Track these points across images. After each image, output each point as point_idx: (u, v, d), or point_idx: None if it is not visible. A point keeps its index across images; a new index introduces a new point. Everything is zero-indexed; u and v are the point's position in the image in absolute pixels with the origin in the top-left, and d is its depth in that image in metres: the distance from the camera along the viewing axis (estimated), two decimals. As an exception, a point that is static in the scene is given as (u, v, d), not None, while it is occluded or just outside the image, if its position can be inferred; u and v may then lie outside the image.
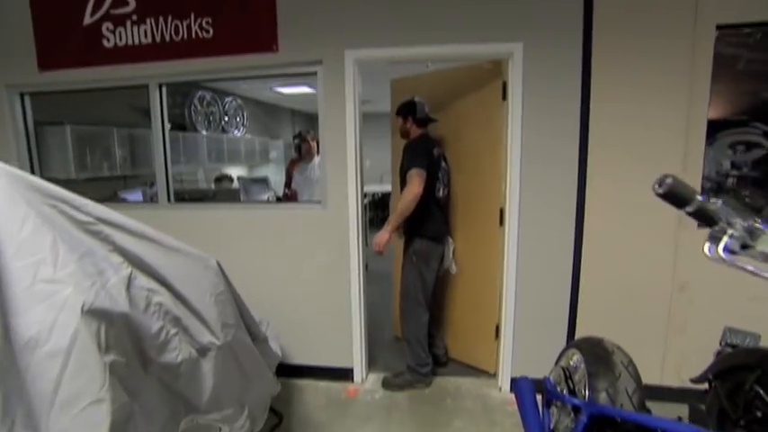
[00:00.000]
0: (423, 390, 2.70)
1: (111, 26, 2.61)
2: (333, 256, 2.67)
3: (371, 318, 2.89)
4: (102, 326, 0.98)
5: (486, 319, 2.82)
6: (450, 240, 2.81)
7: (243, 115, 5.99)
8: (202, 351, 1.29)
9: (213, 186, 4.74)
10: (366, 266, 3.01)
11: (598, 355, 1.66)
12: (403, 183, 2.57)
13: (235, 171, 5.98)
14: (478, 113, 2.73)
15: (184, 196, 4.32)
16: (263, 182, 6.04)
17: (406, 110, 2.67)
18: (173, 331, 1.19)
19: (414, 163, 2.46)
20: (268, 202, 5.18)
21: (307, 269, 2.72)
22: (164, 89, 2.78)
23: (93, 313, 0.97)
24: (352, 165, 2.57)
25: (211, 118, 5.22)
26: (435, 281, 2.74)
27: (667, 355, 2.48)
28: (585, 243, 2.44)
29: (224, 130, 5.56)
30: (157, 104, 2.75)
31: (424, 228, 2.60)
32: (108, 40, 2.63)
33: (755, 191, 2.30)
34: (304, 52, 2.51)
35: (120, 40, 2.62)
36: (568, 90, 2.34)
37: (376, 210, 8.54)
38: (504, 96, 2.52)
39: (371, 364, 2.95)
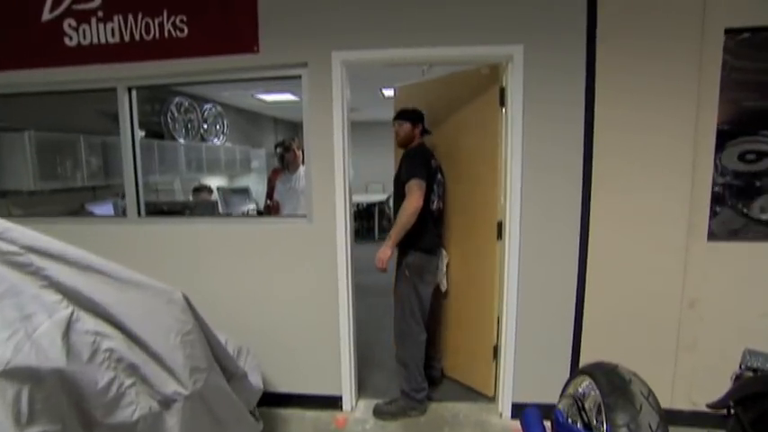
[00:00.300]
0: (418, 418, 2.49)
1: (73, 23, 2.36)
2: (319, 274, 2.46)
3: (360, 337, 2.68)
4: (25, 390, 0.75)
5: (483, 339, 2.64)
6: (444, 253, 2.63)
7: (223, 123, 5.75)
8: (166, 403, 1.06)
9: (191, 198, 4.47)
10: None
11: (614, 384, 1.50)
12: (399, 193, 2.43)
13: (214, 181, 5.72)
14: (476, 121, 2.56)
15: (160, 208, 4.06)
16: (245, 192, 5.79)
17: (416, 117, 2.55)
18: (128, 382, 0.97)
19: (413, 173, 2.33)
20: (248, 215, 4.91)
21: (291, 289, 2.50)
22: (134, 93, 2.53)
23: (11, 375, 0.74)
24: (340, 175, 2.37)
25: (190, 126, 4.96)
26: (431, 296, 2.56)
27: (677, 376, 2.33)
28: (591, 257, 2.29)
29: (203, 139, 5.31)
30: (126, 110, 2.50)
31: (417, 240, 2.43)
32: (70, 38, 2.38)
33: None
34: (287, 53, 2.31)
35: (85, 38, 2.37)
36: (571, 96, 2.19)
37: (362, 220, 8.34)
38: (502, 103, 2.37)
39: (361, 389, 2.73)
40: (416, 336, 2.49)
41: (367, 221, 8.33)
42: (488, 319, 2.59)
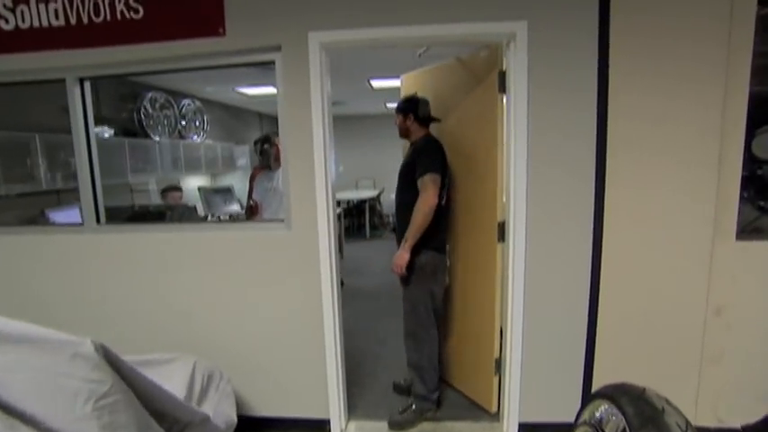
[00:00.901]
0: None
1: (8, 2, 2.04)
2: (301, 286, 2.19)
3: (349, 349, 2.44)
4: None
5: (484, 352, 2.40)
6: (448, 248, 2.44)
7: (203, 119, 5.42)
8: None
9: (161, 200, 4.15)
10: (342, 283, 2.57)
11: (644, 413, 1.27)
12: (404, 185, 2.30)
13: (194, 181, 5.42)
14: (476, 110, 2.31)
15: (141, 212, 3.75)
16: (227, 192, 5.47)
17: (407, 106, 2.37)
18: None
19: (429, 168, 2.16)
20: (220, 220, 4.60)
21: (270, 303, 2.23)
22: (86, 85, 2.22)
23: None
24: (321, 175, 2.08)
25: (166, 122, 4.63)
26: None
27: (701, 391, 2.09)
28: (604, 260, 2.03)
29: (181, 136, 4.98)
30: (78, 103, 2.19)
31: (430, 238, 2.24)
32: (6, 21, 2.06)
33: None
34: (258, 36, 2.01)
35: (23, 21, 2.05)
36: (582, 81, 1.92)
37: (352, 218, 8.06)
38: (503, 89, 2.10)
39: (351, 409, 2.46)
40: (432, 337, 2.38)
41: (357, 219, 8.06)
42: (489, 330, 2.36)
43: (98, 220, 2.32)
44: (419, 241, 2.21)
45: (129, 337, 2.32)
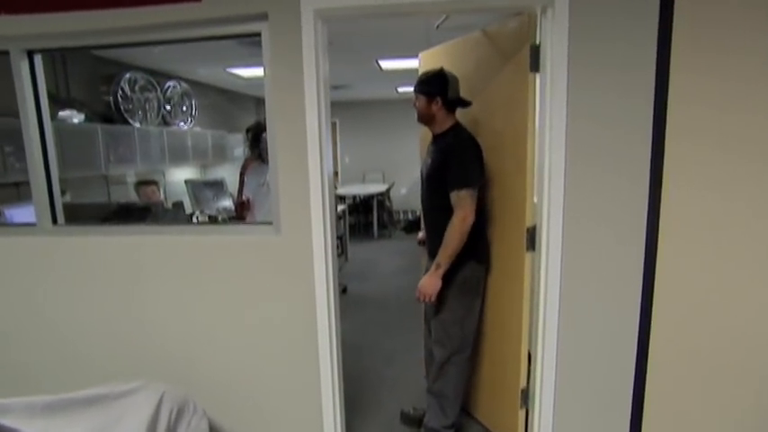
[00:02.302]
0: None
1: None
2: (292, 301, 2.01)
3: (350, 369, 2.27)
4: None
5: (508, 380, 2.22)
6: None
7: (191, 104, 5.28)
8: None
9: (137, 195, 4.00)
10: (344, 290, 2.40)
11: None
12: (433, 191, 2.13)
13: (181, 173, 5.27)
14: (503, 94, 2.10)
15: (125, 209, 3.59)
16: (219, 185, 5.33)
17: (434, 87, 2.09)
18: None
19: (466, 181, 2.00)
20: (214, 219, 4.44)
21: (256, 321, 2.06)
22: (37, 59, 2.05)
23: None
24: (317, 170, 1.89)
25: (148, 106, 4.48)
26: None
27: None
28: (660, 277, 1.80)
29: (165, 122, 4.84)
30: (27, 81, 2.02)
31: (473, 248, 2.09)
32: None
33: None
34: (240, 2, 1.81)
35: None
36: (636, 56, 1.69)
37: (358, 215, 7.87)
38: (536, 67, 1.88)
39: (351, 443, 2.28)
40: (465, 363, 2.25)
41: (365, 216, 7.87)
42: (514, 355, 2.17)
43: (54, 220, 2.15)
44: (462, 251, 2.04)
45: (90, 361, 2.19)
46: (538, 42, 1.86)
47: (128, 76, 4.19)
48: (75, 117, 3.59)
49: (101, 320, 2.15)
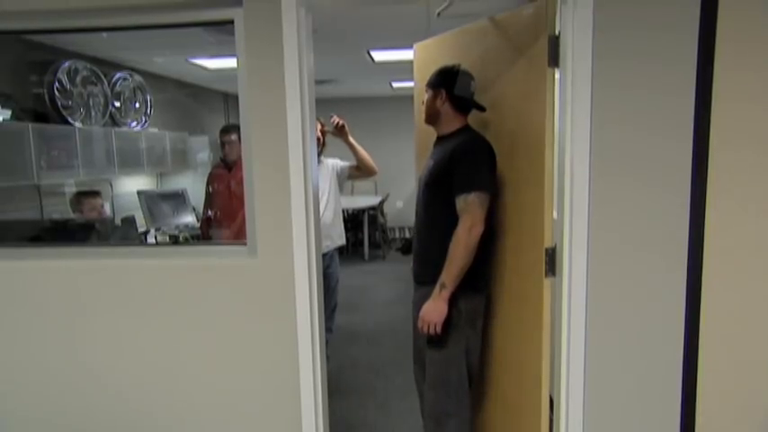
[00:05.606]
0: None
1: None
2: (267, 335, 2.05)
3: (336, 421, 2.28)
4: None
5: (526, 429, 2.23)
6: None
7: (146, 100, 5.34)
8: None
9: (73, 211, 4.02)
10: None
11: None
12: (431, 201, 2.21)
13: (133, 182, 5.31)
14: (514, 90, 2.17)
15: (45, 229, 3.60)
16: (179, 197, 5.39)
17: (439, 79, 2.24)
18: None
19: (477, 183, 2.05)
20: (175, 238, 4.46)
21: (223, 367, 2.10)
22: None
23: None
24: (299, 181, 1.94)
25: (92, 102, 4.52)
26: None
27: None
28: (705, 312, 1.85)
29: (114, 121, 4.88)
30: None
31: (472, 274, 2.12)
32: None
33: None
34: (209, -16, 1.88)
35: None
36: (674, 47, 1.76)
37: (346, 232, 7.92)
38: (555, 61, 1.94)
39: None
40: (464, 410, 2.26)
41: (354, 234, 7.93)
42: (533, 400, 2.18)
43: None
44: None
45: (18, 413, 2.19)
46: (557, 32, 1.93)
47: (66, 65, 4.19)
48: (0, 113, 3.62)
49: (34, 366, 2.17)
